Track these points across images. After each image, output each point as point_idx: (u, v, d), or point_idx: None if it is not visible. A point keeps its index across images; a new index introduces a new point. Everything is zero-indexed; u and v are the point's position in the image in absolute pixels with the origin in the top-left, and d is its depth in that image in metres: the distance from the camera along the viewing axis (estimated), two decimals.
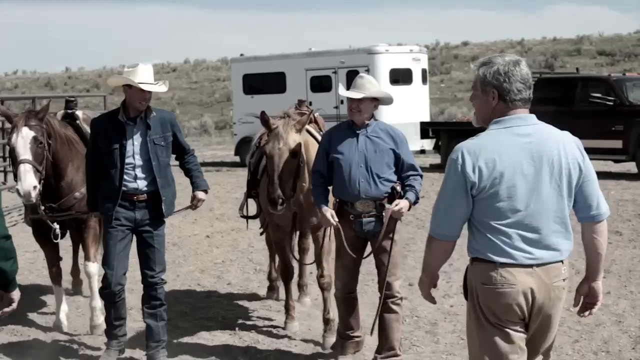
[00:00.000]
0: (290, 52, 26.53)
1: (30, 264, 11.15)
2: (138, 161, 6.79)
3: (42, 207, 7.79)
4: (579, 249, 4.36)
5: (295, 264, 8.24)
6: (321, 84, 24.63)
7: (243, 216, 8.76)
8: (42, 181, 7.43)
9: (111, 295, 6.89)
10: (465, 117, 32.03)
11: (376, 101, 6.65)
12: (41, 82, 68.74)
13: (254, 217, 8.73)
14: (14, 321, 8.15)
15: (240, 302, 9.26)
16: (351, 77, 6.71)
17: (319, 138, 7.42)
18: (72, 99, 8.92)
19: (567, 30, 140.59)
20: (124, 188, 6.77)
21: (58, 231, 7.88)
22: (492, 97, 4.15)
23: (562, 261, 4.15)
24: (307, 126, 7.38)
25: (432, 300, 4.52)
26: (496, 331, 4.13)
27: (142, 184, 6.81)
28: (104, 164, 6.81)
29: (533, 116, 4.19)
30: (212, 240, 13.15)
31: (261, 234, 9.27)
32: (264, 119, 7.02)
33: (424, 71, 25.46)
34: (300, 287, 9.13)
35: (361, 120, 6.62)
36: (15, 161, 7.35)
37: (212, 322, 8.45)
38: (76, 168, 7.83)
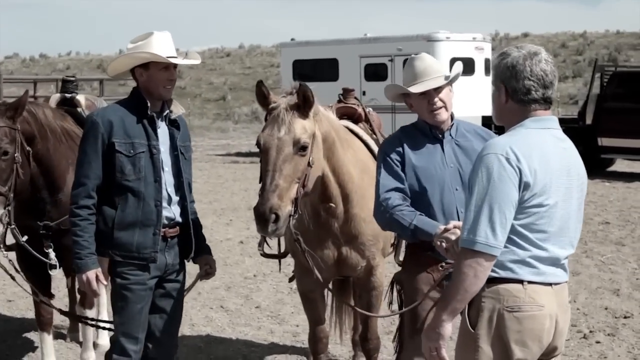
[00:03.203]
0: (344, 38, 25.03)
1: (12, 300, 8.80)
2: (168, 176, 4.68)
3: (24, 238, 5.72)
4: None
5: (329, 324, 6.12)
6: (376, 73, 23.07)
7: (264, 255, 6.08)
8: (8, 207, 5.48)
9: None
10: None
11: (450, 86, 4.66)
12: (93, 64, 67.97)
13: (278, 257, 6.04)
14: None
15: (269, 337, 7.58)
16: None
17: (370, 143, 5.54)
18: (72, 78, 7.07)
19: (629, 23, 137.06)
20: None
21: (55, 260, 5.76)
22: (502, 94, 3.60)
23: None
24: (351, 124, 5.61)
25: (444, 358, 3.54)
26: None
27: (176, 211, 4.70)
28: (120, 179, 4.56)
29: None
30: (246, 248, 11.50)
31: (290, 280, 6.23)
32: (261, 91, 4.78)
33: (487, 61, 23.64)
34: (356, 344, 6.51)
35: (446, 119, 4.59)
36: None
37: None
38: None
